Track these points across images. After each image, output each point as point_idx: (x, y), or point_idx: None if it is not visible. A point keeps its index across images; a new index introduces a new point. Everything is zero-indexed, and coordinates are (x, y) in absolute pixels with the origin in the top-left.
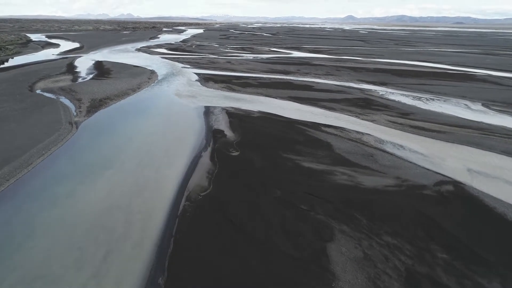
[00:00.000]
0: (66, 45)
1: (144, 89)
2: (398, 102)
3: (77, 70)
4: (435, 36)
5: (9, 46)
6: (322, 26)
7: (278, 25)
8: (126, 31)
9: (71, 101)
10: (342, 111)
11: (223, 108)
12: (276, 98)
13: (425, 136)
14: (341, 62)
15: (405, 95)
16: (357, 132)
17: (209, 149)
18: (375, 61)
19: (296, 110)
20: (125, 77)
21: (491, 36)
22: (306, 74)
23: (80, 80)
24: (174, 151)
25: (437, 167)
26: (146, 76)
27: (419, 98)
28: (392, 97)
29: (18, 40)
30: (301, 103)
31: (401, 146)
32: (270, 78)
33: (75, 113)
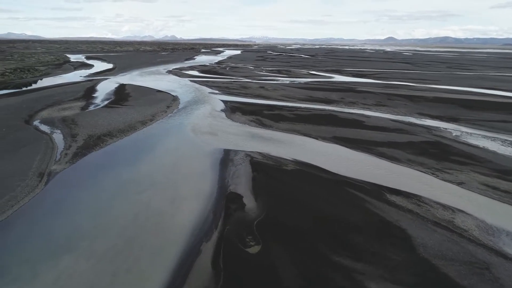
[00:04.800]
0: (100, 66)
1: (157, 122)
2: (485, 149)
3: (94, 95)
4: (489, 58)
5: (40, 67)
6: (362, 48)
7: (317, 47)
8: (164, 52)
9: (64, 138)
10: (409, 163)
11: (247, 154)
12: (316, 138)
13: None
14: (391, 88)
15: (490, 137)
16: (444, 206)
17: (215, 235)
18: (432, 87)
19: (345, 160)
20: (141, 104)
21: None
22: (352, 104)
23: (91, 108)
24: (162, 237)
25: None
26: (165, 104)
27: None
28: (472, 140)
29: (55, 60)
30: (350, 148)
31: None
32: (309, 109)
33: (58, 157)
